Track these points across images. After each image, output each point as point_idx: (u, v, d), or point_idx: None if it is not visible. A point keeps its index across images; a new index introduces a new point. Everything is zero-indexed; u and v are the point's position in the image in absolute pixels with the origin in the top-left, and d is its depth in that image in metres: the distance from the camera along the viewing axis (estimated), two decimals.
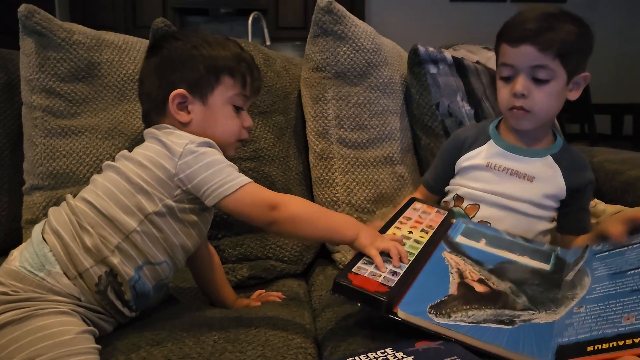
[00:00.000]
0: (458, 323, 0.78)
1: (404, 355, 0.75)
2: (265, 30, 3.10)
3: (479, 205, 1.10)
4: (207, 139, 0.91)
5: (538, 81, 1.03)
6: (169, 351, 0.79)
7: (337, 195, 1.27)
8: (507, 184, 1.09)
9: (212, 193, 0.85)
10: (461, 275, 0.89)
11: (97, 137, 1.29)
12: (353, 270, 0.84)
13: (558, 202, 1.10)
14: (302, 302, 1.04)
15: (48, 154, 1.25)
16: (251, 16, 3.07)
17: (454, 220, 1.05)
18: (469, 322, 0.78)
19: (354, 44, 1.29)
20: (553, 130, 1.15)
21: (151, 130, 0.94)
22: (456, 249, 0.97)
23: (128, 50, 1.38)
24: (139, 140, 1.31)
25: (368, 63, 1.31)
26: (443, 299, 0.83)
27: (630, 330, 0.70)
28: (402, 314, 0.79)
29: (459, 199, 1.13)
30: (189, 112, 0.95)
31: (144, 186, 0.86)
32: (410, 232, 0.97)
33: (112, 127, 1.31)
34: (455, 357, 0.74)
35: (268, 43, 3.06)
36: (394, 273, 0.84)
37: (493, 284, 0.88)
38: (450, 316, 0.79)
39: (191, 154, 0.87)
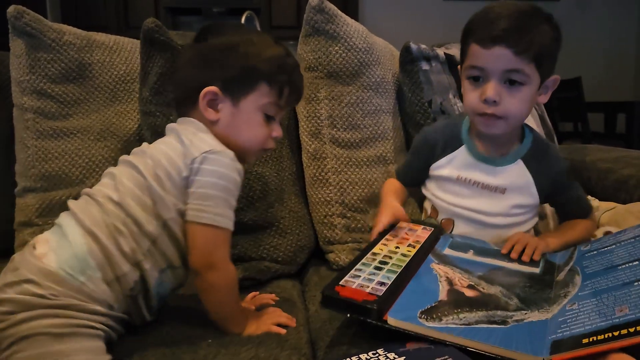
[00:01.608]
0: (450, 325, 0.78)
1: (396, 356, 0.75)
2: (258, 29, 3.10)
3: (454, 222, 1.09)
4: (227, 151, 0.87)
5: (511, 84, 0.96)
6: (162, 355, 0.78)
7: (330, 195, 1.26)
8: (479, 199, 1.06)
9: (193, 211, 0.83)
10: (450, 282, 0.88)
11: (90, 139, 1.28)
12: (340, 283, 0.84)
13: (534, 206, 1.09)
14: (295, 303, 1.04)
15: (40, 156, 1.25)
16: (244, 15, 3.06)
17: (442, 236, 1.05)
18: (461, 325, 0.78)
19: (346, 44, 1.29)
20: (523, 126, 1.11)
21: (174, 126, 0.93)
22: (444, 260, 0.96)
23: (119, 50, 1.37)
24: (131, 141, 1.31)
25: (360, 62, 1.31)
26: (433, 305, 0.82)
27: (625, 320, 0.70)
28: (392, 320, 0.79)
29: (434, 210, 1.13)
30: (217, 111, 0.92)
31: (159, 192, 0.83)
32: (397, 247, 0.97)
33: (104, 129, 1.30)
34: (446, 356, 0.74)
35: None
36: (382, 284, 0.84)
37: (483, 289, 0.87)
38: (441, 320, 0.79)
39: (207, 163, 0.84)
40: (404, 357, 0.74)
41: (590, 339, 0.71)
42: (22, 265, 0.78)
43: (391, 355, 0.75)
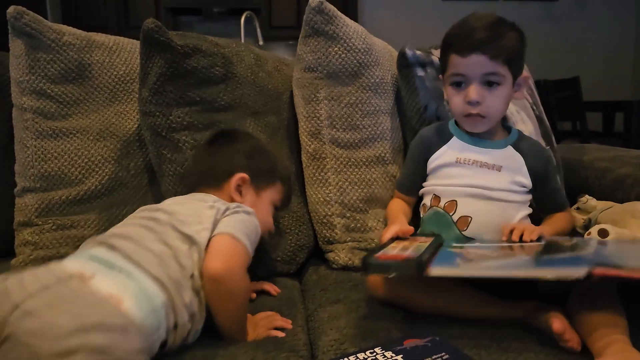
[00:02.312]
0: (490, 264, 0.84)
1: (393, 354, 0.76)
2: (258, 30, 3.10)
3: (457, 202, 1.12)
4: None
5: (490, 85, 1.08)
6: (158, 356, 0.78)
7: (329, 195, 1.27)
8: (479, 176, 1.12)
9: (220, 227, 0.90)
10: (472, 254, 0.95)
11: (89, 139, 1.29)
12: (378, 254, 0.88)
13: (527, 189, 1.15)
14: (295, 303, 1.04)
15: (39, 156, 1.25)
16: (244, 16, 3.07)
17: (444, 242, 1.08)
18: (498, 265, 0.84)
19: (345, 44, 1.29)
20: (505, 126, 1.22)
21: (203, 196, 1.02)
22: (459, 248, 1.01)
23: (119, 51, 1.38)
24: (131, 141, 1.32)
25: (360, 63, 1.31)
26: (467, 260, 0.89)
27: None
28: (435, 270, 0.83)
29: (435, 198, 1.16)
30: (242, 195, 1.06)
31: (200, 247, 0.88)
32: (409, 244, 0.98)
33: (103, 129, 1.31)
34: (443, 353, 0.75)
35: (261, 43, 3.06)
36: (415, 254, 0.88)
37: (504, 253, 0.93)
38: (480, 264, 0.85)
39: (240, 210, 0.96)
40: (402, 355, 0.75)
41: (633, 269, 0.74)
42: (88, 305, 0.68)
43: (389, 353, 0.76)
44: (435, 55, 1.41)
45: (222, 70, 1.24)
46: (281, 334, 0.90)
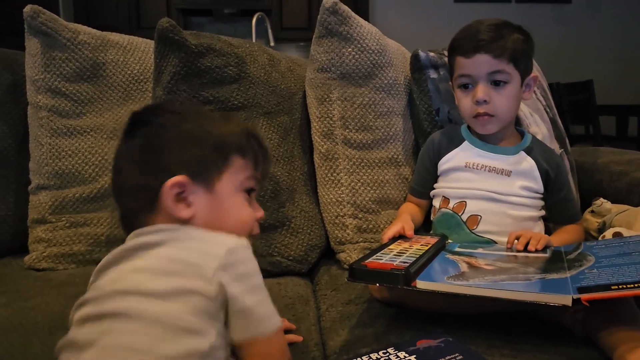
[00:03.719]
0: (477, 282, 0.82)
1: (406, 355, 0.75)
2: (269, 31, 3.11)
3: (465, 202, 1.13)
4: (243, 241, 0.70)
5: (497, 84, 1.10)
6: None
7: (342, 195, 1.27)
8: (488, 181, 1.13)
9: (246, 327, 0.66)
10: (469, 263, 0.94)
11: (102, 137, 1.30)
12: (367, 261, 0.88)
13: (539, 194, 1.15)
14: (307, 302, 1.04)
15: (54, 154, 1.26)
16: (255, 17, 3.08)
17: (449, 241, 1.10)
18: (487, 282, 0.82)
19: (359, 45, 1.29)
20: (518, 130, 1.22)
21: (145, 239, 0.70)
22: (458, 254, 1.00)
23: (133, 50, 1.39)
24: None
25: (373, 64, 1.31)
26: (457, 273, 0.88)
27: None
28: (421, 284, 0.83)
29: (444, 200, 1.17)
30: (189, 205, 0.72)
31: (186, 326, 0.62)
32: (410, 246, 0.99)
33: (117, 127, 1.32)
34: (456, 354, 0.74)
35: (272, 44, 3.07)
36: (405, 262, 0.87)
37: (500, 266, 0.92)
38: (467, 280, 0.83)
39: (232, 266, 0.66)
40: (415, 356, 0.74)
41: (620, 286, 0.74)
42: None
43: (402, 354, 0.76)
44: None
45: (235, 70, 1.24)
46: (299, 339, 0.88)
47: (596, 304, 0.75)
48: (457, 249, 1.03)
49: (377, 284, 0.89)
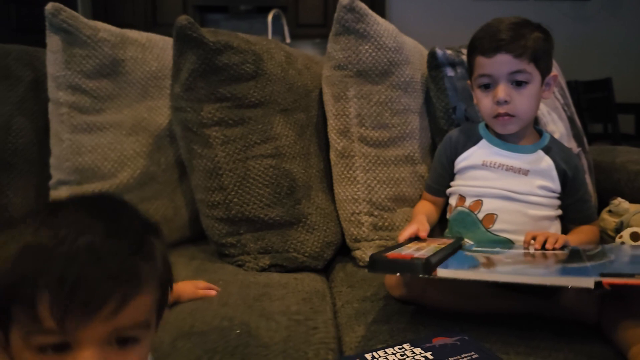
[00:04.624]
0: (499, 269, 0.83)
1: (422, 351, 0.76)
2: (285, 28, 3.12)
3: (482, 201, 1.12)
4: None
5: (518, 85, 1.09)
6: (193, 345, 0.80)
7: (357, 193, 1.27)
8: (505, 180, 1.13)
9: None
10: (487, 258, 0.94)
11: (122, 133, 1.31)
12: (388, 253, 0.88)
13: (556, 194, 1.14)
14: (324, 297, 1.05)
15: (74, 150, 1.28)
16: (271, 13, 3.09)
17: (466, 242, 1.10)
18: (509, 269, 0.83)
19: (376, 43, 1.29)
20: (537, 129, 1.22)
21: None
22: (475, 252, 1.01)
23: (151, 47, 1.40)
24: (162, 136, 1.35)
25: (390, 62, 1.31)
26: (477, 265, 0.88)
27: None
28: (442, 272, 0.82)
29: (460, 198, 1.17)
30: None
31: None
32: (426, 245, 0.98)
33: (135, 124, 1.33)
34: (472, 352, 0.75)
35: (288, 41, 3.07)
36: (425, 255, 0.87)
37: (519, 260, 0.92)
38: (488, 268, 0.84)
39: None
40: (431, 352, 0.75)
41: None
42: None
43: (418, 350, 0.76)
44: (466, 54, 1.40)
45: (252, 67, 1.25)
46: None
47: (618, 290, 0.74)
48: (474, 249, 1.03)
49: (398, 274, 0.89)
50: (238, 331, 0.84)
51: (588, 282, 0.74)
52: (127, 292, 0.52)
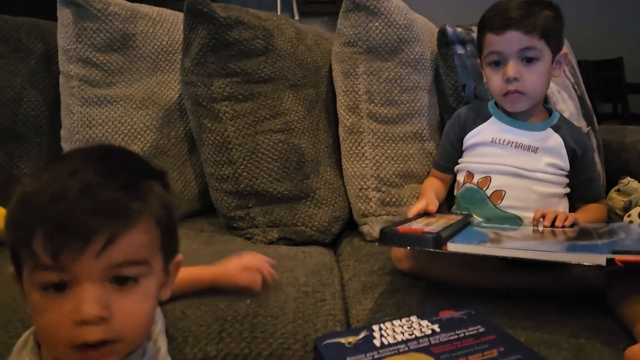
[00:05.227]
0: (509, 244, 0.84)
1: (429, 324, 0.77)
2: (294, 5, 3.09)
3: (490, 177, 1.13)
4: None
5: (528, 62, 1.09)
6: (203, 313, 0.81)
7: (366, 169, 1.28)
8: (514, 157, 1.13)
9: None
10: (496, 234, 0.94)
11: (132, 107, 1.32)
12: (399, 227, 0.88)
13: (565, 172, 1.14)
14: (332, 270, 1.06)
15: (85, 122, 1.29)
16: None
17: (472, 222, 1.09)
18: (519, 245, 0.83)
19: (386, 19, 1.29)
20: (546, 107, 1.22)
21: None
22: (485, 228, 1.01)
23: (162, 22, 1.40)
24: (172, 110, 1.35)
25: (400, 39, 1.31)
26: (487, 240, 0.89)
27: None
28: (452, 246, 0.83)
29: (469, 175, 1.17)
30: None
31: None
32: (435, 221, 0.99)
33: (146, 97, 1.34)
34: (479, 326, 0.75)
35: (297, 17, 3.05)
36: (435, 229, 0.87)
37: (529, 236, 0.92)
38: (499, 244, 0.85)
39: None
40: (437, 325, 0.76)
41: None
42: None
43: (424, 322, 0.77)
44: (476, 32, 1.40)
45: (263, 42, 1.25)
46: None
47: (630, 267, 0.74)
48: (483, 225, 1.04)
49: (408, 247, 0.90)
50: (248, 301, 0.85)
51: (600, 259, 0.75)
52: (116, 226, 0.54)
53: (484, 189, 1.12)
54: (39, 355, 0.59)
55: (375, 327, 0.77)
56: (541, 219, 1.00)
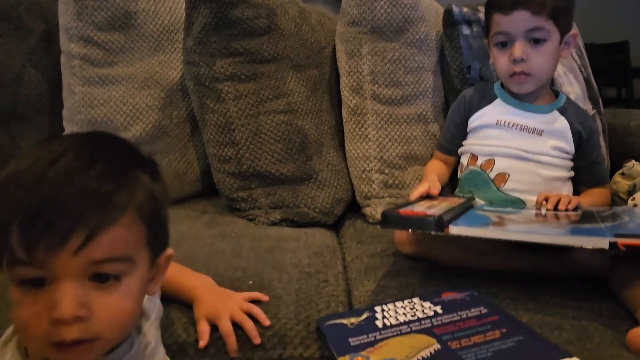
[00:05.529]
0: (511, 228, 0.83)
1: (432, 305, 0.77)
2: None
3: (494, 160, 1.12)
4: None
5: (535, 42, 1.07)
6: None
7: (369, 150, 1.27)
8: (518, 139, 1.12)
9: None
10: (499, 217, 0.94)
11: (134, 87, 1.31)
12: (401, 209, 0.87)
13: (569, 155, 1.13)
14: (334, 252, 1.06)
15: (86, 102, 1.28)
16: None
17: (475, 205, 1.08)
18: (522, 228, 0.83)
19: None
20: (553, 89, 1.20)
21: None
22: (487, 211, 1.00)
23: (164, 0, 1.38)
24: (174, 90, 1.34)
25: (405, 19, 1.29)
26: (489, 223, 0.88)
27: None
28: (454, 229, 0.82)
29: (472, 157, 1.16)
30: None
31: None
32: (438, 204, 0.98)
33: (148, 77, 1.33)
34: (481, 307, 0.75)
35: None
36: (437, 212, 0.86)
37: (531, 219, 0.92)
38: (501, 227, 0.84)
39: None
40: (440, 306, 0.76)
41: None
42: None
43: (427, 304, 0.77)
44: (482, 12, 1.38)
45: (266, 21, 1.23)
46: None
47: (633, 251, 0.74)
48: (486, 208, 1.04)
49: (409, 230, 0.89)
50: (251, 282, 0.86)
51: (602, 243, 0.74)
52: (97, 219, 0.49)
53: (488, 172, 1.12)
54: (24, 350, 0.56)
55: (378, 309, 0.77)
56: (544, 202, 0.99)
